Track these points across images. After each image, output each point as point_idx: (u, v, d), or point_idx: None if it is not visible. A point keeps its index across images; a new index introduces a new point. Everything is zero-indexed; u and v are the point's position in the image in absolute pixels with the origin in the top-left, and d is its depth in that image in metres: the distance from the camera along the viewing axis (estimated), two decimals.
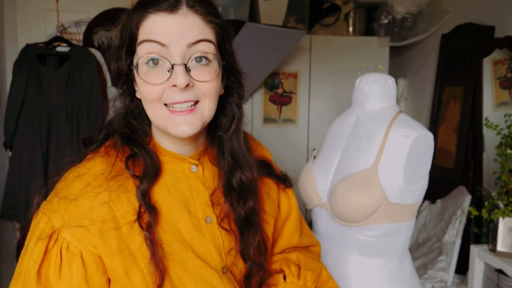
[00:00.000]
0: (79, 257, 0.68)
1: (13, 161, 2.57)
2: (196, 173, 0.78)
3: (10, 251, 2.75)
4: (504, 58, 2.36)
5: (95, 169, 0.72)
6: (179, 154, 0.76)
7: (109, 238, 0.69)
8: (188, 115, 0.69)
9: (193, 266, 0.72)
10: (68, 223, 0.68)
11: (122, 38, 0.71)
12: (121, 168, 0.73)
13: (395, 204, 1.11)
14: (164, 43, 0.66)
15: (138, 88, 0.72)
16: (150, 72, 0.68)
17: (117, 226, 0.69)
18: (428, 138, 1.13)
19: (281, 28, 2.59)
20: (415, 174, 1.12)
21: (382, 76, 1.22)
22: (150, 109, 0.71)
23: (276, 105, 3.05)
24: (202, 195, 0.77)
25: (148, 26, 0.67)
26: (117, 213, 0.70)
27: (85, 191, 0.70)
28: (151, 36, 0.66)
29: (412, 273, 1.24)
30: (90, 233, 0.68)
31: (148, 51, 0.67)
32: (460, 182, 2.48)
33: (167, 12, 0.66)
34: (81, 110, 2.60)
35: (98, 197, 0.69)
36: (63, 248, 0.68)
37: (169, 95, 0.68)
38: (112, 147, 0.75)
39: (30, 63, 2.56)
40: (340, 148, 1.24)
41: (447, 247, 2.27)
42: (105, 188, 0.70)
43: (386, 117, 1.17)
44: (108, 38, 2.74)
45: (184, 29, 0.67)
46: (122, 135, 0.75)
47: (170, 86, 0.67)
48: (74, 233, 0.68)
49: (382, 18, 3.12)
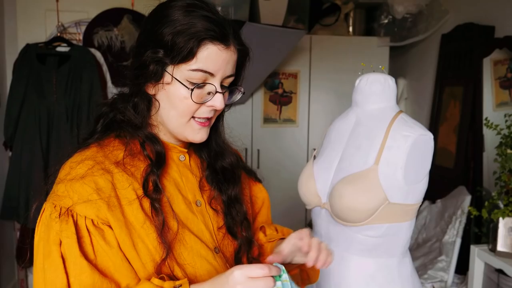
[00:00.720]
0: (107, 227, 0.72)
1: (13, 161, 2.57)
2: (184, 162, 0.86)
3: (10, 251, 2.75)
4: (504, 58, 2.36)
5: (95, 155, 0.77)
6: (170, 143, 0.85)
7: (116, 213, 0.73)
8: (206, 126, 0.82)
9: (189, 242, 0.79)
10: (78, 200, 0.72)
11: (176, 50, 0.75)
12: (120, 156, 0.78)
13: (395, 204, 1.11)
14: (214, 73, 0.77)
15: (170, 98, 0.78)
16: (196, 93, 0.77)
17: (121, 204, 0.74)
18: (428, 138, 1.13)
19: (281, 28, 2.59)
20: (415, 174, 1.12)
21: (382, 76, 1.22)
22: (174, 118, 0.79)
23: (276, 105, 3.05)
24: (191, 181, 0.86)
25: (207, 55, 0.76)
26: (119, 193, 0.75)
27: (91, 172, 0.74)
28: (208, 68, 0.76)
29: (412, 273, 1.24)
30: (100, 206, 0.72)
31: (202, 78, 0.76)
32: (460, 182, 2.48)
33: (223, 46, 0.76)
34: (81, 110, 2.60)
35: (103, 177, 0.74)
36: (89, 224, 0.71)
37: (202, 112, 0.79)
38: (115, 137, 0.81)
39: (30, 63, 2.55)
40: (340, 148, 1.24)
41: (447, 247, 2.27)
42: (108, 171, 0.76)
43: (386, 117, 1.17)
44: (108, 38, 2.74)
45: (230, 63, 0.79)
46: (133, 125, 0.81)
47: (207, 105, 0.79)
48: (88, 207, 0.71)
49: (382, 18, 3.12)
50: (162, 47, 0.75)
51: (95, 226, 0.71)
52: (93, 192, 0.72)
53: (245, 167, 0.99)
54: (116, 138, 0.81)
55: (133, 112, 0.80)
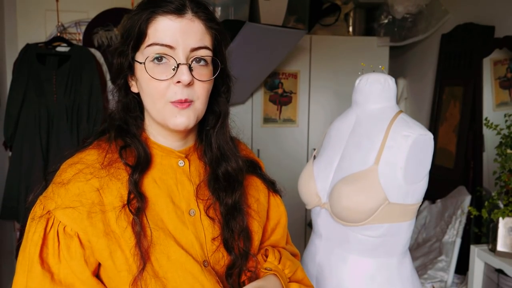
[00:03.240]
0: (76, 237, 0.73)
1: (13, 161, 2.56)
2: (182, 168, 0.82)
3: (10, 251, 2.75)
4: (504, 58, 2.36)
5: (87, 158, 0.78)
6: (167, 147, 0.82)
7: (96, 220, 0.73)
8: (186, 109, 0.75)
9: (174, 255, 0.75)
10: (60, 205, 0.73)
11: (130, 35, 0.76)
12: (112, 158, 0.78)
13: (395, 204, 1.11)
14: (171, 45, 0.73)
15: (141, 84, 0.77)
16: (155, 69, 0.74)
17: (104, 210, 0.73)
18: (428, 138, 1.13)
19: (281, 28, 2.58)
20: (415, 174, 1.12)
21: (382, 76, 1.22)
22: (151, 104, 0.76)
23: (276, 105, 3.05)
24: (187, 188, 0.81)
25: (157, 27, 0.73)
26: (105, 199, 0.74)
27: (77, 176, 0.75)
28: (161, 40, 0.73)
29: (412, 273, 1.24)
30: (79, 213, 0.72)
31: (157, 52, 0.73)
32: (460, 182, 2.48)
33: (175, 15, 0.73)
34: (81, 110, 2.60)
35: (89, 183, 0.74)
36: (60, 231, 0.72)
37: (173, 93, 0.74)
38: (106, 140, 0.80)
39: (30, 63, 2.55)
40: (340, 148, 1.24)
41: (447, 247, 2.27)
42: (96, 176, 0.75)
43: (386, 117, 1.17)
44: (108, 38, 2.74)
45: (189, 33, 0.74)
46: (117, 128, 0.80)
47: (174, 82, 0.74)
48: (67, 213, 0.72)
49: (382, 18, 3.12)
50: (122, 38, 0.78)
51: (65, 234, 0.72)
52: (75, 199, 0.73)
53: (263, 176, 0.93)
54: (107, 142, 0.80)
55: (122, 113, 0.81)
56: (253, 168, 0.92)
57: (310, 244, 1.31)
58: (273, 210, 0.94)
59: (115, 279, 0.74)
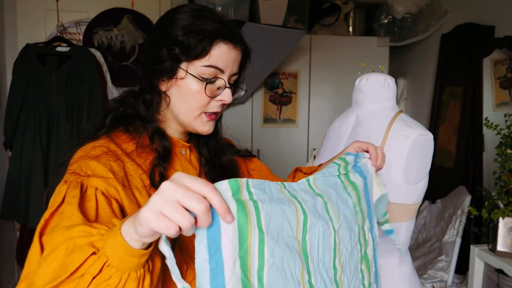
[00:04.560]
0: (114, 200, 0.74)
1: (13, 161, 2.56)
2: (185, 156, 0.92)
3: (10, 251, 2.75)
4: (504, 58, 2.36)
5: (106, 146, 0.81)
6: (174, 138, 0.91)
7: (129, 193, 0.77)
8: (213, 120, 0.89)
9: None
10: (96, 174, 0.74)
11: (191, 47, 0.82)
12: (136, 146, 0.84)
13: (395, 204, 1.11)
14: (223, 70, 0.84)
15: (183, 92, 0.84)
16: (208, 87, 0.84)
17: (129, 187, 0.78)
18: (428, 138, 1.13)
19: (281, 28, 2.59)
20: (415, 174, 1.12)
21: (382, 76, 1.22)
22: (185, 109, 0.86)
23: (276, 105, 3.05)
24: (191, 173, 0.90)
25: (219, 52, 0.83)
26: (130, 180, 0.79)
27: (105, 155, 0.79)
28: (218, 64, 0.83)
29: (412, 273, 1.24)
30: (115, 185, 0.75)
31: (213, 74, 0.83)
32: (460, 182, 2.48)
33: (233, 45, 0.85)
34: (81, 110, 2.60)
35: (116, 162, 0.79)
36: (98, 194, 0.72)
37: (212, 106, 0.86)
38: (124, 131, 0.86)
39: (30, 63, 2.55)
40: (340, 148, 1.24)
41: (447, 247, 2.27)
42: (120, 159, 0.80)
43: (386, 117, 1.17)
44: (108, 38, 2.74)
45: (236, 62, 0.87)
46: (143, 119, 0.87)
47: (217, 100, 0.86)
48: (100, 182, 0.74)
49: (382, 18, 3.12)
50: (178, 45, 0.82)
51: (104, 196, 0.72)
52: (108, 172, 0.75)
53: (238, 151, 1.05)
54: (125, 133, 0.85)
55: (143, 107, 0.87)
56: (232, 148, 1.04)
57: None
58: (252, 166, 1.07)
59: None
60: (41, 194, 2.53)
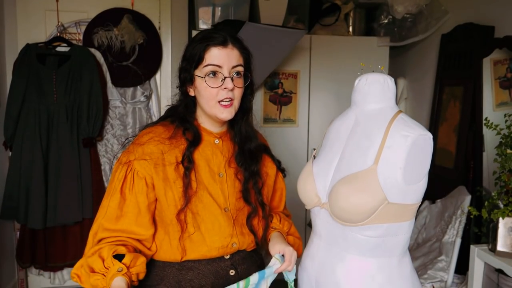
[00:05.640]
0: (144, 180, 1.12)
1: (13, 161, 2.57)
2: (217, 144, 1.23)
3: (10, 251, 2.75)
4: (504, 58, 2.36)
5: (157, 130, 1.19)
6: (209, 129, 1.23)
7: (158, 170, 1.13)
8: (229, 107, 1.17)
9: (205, 200, 1.16)
10: (137, 158, 1.13)
11: (193, 59, 1.16)
12: (174, 135, 1.18)
13: (394, 204, 1.11)
14: (220, 65, 1.14)
15: (199, 91, 1.17)
16: (210, 81, 1.15)
17: (164, 164, 1.14)
18: (428, 138, 1.12)
19: (281, 28, 2.59)
20: (414, 174, 1.12)
21: (381, 76, 1.22)
22: (206, 103, 1.17)
23: (276, 105, 3.05)
24: (219, 158, 1.22)
25: (210, 54, 1.15)
26: (166, 158, 1.15)
27: (149, 141, 1.16)
28: (213, 62, 1.14)
29: (412, 273, 1.24)
30: (148, 164, 1.13)
31: (211, 70, 1.15)
32: (460, 182, 2.48)
33: (221, 46, 1.15)
34: (81, 110, 2.60)
35: (157, 146, 1.15)
36: (135, 174, 1.12)
37: (221, 95, 1.15)
38: (170, 122, 1.21)
39: (30, 63, 2.55)
40: (339, 148, 1.24)
41: (447, 247, 2.27)
42: (162, 143, 1.16)
43: (386, 117, 1.17)
44: (108, 38, 2.74)
45: (230, 57, 1.15)
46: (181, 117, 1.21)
47: (222, 88, 1.15)
48: (140, 163, 1.13)
49: (382, 18, 3.12)
50: (185, 60, 1.19)
51: (138, 176, 1.12)
52: (147, 155, 1.13)
53: (273, 156, 1.35)
54: (171, 123, 1.21)
55: (183, 108, 1.22)
56: (265, 149, 1.33)
57: (310, 244, 1.31)
58: (278, 182, 1.36)
59: (166, 211, 1.14)
60: (41, 194, 2.53)
